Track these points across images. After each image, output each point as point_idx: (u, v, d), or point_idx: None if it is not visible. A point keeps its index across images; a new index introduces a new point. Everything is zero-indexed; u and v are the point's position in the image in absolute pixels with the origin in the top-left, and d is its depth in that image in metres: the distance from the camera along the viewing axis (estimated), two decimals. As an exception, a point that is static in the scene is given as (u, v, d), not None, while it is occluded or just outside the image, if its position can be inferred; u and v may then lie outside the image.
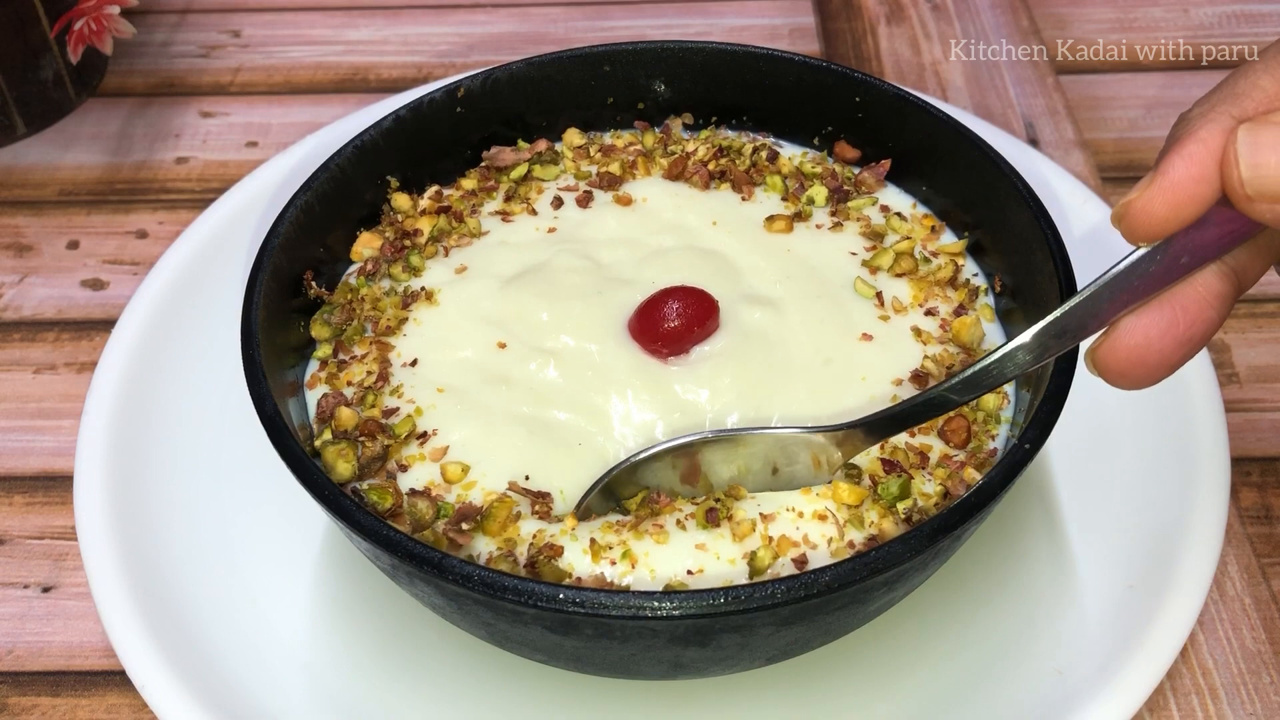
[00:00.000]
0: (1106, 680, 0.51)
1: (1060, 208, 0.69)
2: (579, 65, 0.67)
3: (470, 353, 0.57)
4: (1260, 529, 0.61)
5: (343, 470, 0.52)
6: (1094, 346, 0.42)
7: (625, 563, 0.48)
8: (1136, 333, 0.41)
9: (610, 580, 0.48)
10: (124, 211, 0.80)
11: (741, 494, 0.50)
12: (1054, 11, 0.95)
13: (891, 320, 0.58)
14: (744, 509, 0.50)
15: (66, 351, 0.71)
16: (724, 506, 0.50)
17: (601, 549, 0.49)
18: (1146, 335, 0.41)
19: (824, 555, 0.49)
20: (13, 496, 0.64)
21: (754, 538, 0.49)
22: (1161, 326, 0.41)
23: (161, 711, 0.51)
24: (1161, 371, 0.41)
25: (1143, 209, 0.39)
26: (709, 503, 0.50)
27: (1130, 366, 0.41)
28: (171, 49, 0.93)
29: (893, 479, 0.51)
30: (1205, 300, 0.41)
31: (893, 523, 0.50)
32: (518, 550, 0.49)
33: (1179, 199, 0.38)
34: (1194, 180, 0.38)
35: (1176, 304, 0.41)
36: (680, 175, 0.65)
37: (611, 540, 0.49)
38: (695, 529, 0.49)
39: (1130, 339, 0.41)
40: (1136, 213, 0.39)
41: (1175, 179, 0.38)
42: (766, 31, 0.94)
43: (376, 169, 0.63)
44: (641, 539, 0.49)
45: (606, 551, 0.49)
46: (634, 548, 0.49)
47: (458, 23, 0.96)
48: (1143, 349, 0.41)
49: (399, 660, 0.55)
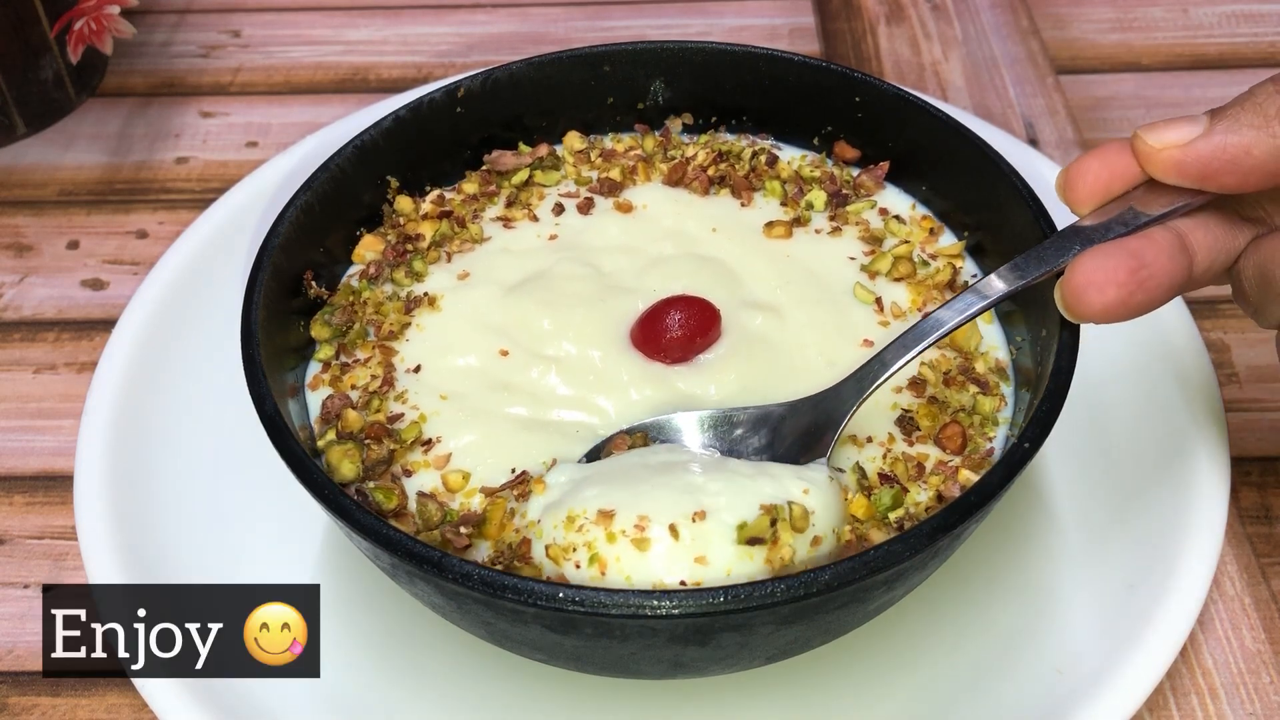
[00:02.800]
0: (1106, 680, 0.51)
1: (1060, 208, 0.69)
2: (579, 65, 0.67)
3: (473, 360, 0.57)
4: (1260, 529, 0.61)
5: (346, 471, 0.52)
6: (1060, 280, 0.47)
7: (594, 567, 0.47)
8: (1090, 265, 0.45)
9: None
10: (124, 211, 0.80)
11: None
12: (1054, 11, 0.95)
13: (891, 325, 0.58)
14: None
15: (66, 351, 0.71)
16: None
17: (561, 551, 0.47)
18: (1102, 267, 0.45)
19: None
20: (13, 496, 0.64)
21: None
22: (1113, 262, 0.45)
23: (161, 711, 0.51)
24: (1118, 308, 0.45)
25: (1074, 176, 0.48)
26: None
27: (1084, 294, 0.45)
28: (171, 49, 0.93)
29: (885, 490, 0.51)
30: (1159, 247, 0.45)
31: (885, 533, 0.50)
32: (503, 549, 0.50)
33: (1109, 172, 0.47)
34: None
35: (1130, 246, 0.46)
36: (680, 181, 0.65)
37: (576, 540, 0.47)
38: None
39: (1085, 268, 0.45)
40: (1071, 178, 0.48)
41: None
42: (766, 31, 0.94)
43: (376, 169, 0.63)
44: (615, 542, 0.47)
45: (570, 554, 0.47)
46: (603, 552, 0.47)
47: (458, 23, 0.96)
48: (1099, 282, 0.45)
49: (399, 660, 0.55)
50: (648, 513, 0.47)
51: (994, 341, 0.58)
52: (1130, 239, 0.46)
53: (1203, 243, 0.47)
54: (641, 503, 0.47)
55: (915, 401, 0.55)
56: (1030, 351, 0.55)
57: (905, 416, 0.54)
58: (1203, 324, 0.65)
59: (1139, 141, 0.46)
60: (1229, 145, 0.43)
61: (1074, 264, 0.46)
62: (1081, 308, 0.46)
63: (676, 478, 0.48)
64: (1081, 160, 0.48)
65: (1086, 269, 0.45)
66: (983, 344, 0.58)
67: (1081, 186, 0.48)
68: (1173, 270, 0.46)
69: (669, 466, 0.49)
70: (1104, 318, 0.46)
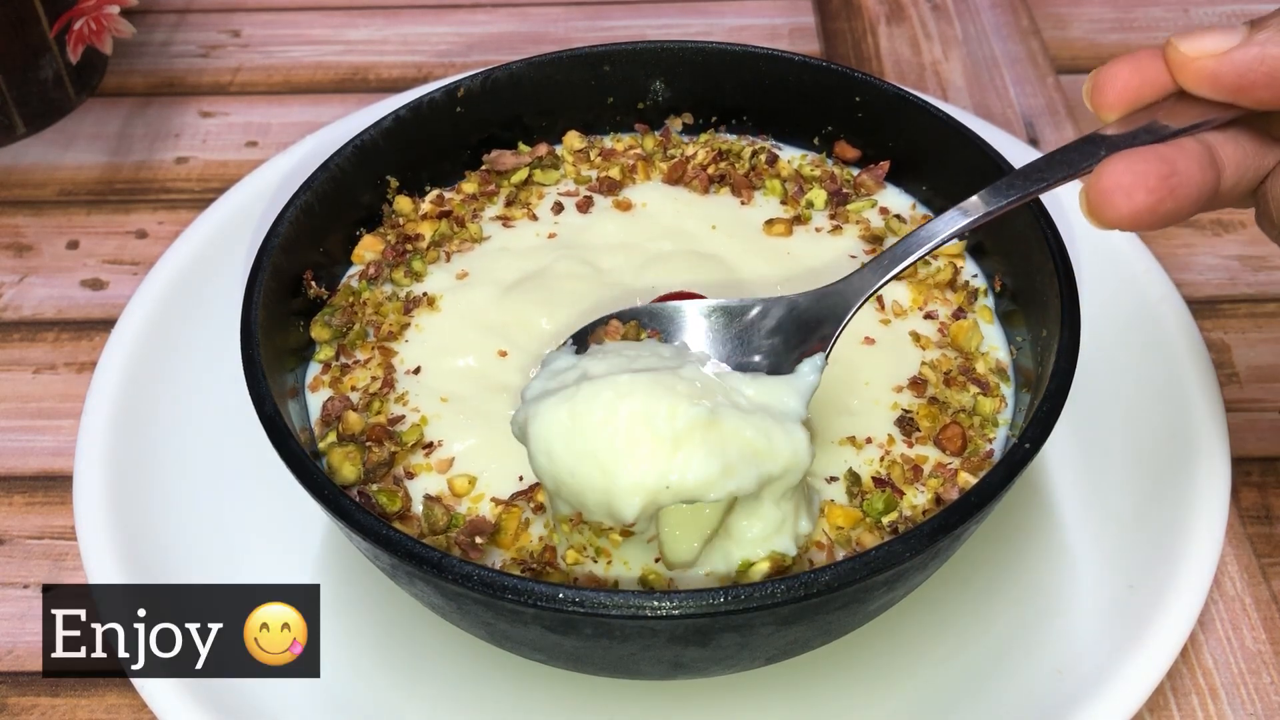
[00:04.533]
0: (1106, 680, 0.51)
1: (1060, 208, 0.69)
2: (579, 65, 0.67)
3: (472, 360, 0.57)
4: (1260, 529, 0.61)
5: (348, 473, 0.52)
6: (1086, 183, 0.44)
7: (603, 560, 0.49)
8: (1120, 167, 0.43)
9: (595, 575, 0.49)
10: (124, 211, 0.80)
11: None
12: (1054, 11, 0.95)
13: (892, 324, 0.58)
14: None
15: (66, 351, 0.71)
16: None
17: (577, 550, 0.49)
18: (1131, 170, 0.42)
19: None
20: (12, 496, 0.64)
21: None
22: (1144, 166, 0.42)
23: (161, 712, 0.51)
24: (1146, 215, 0.43)
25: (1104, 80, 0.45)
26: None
27: (1112, 198, 0.43)
28: (171, 49, 0.93)
29: (877, 494, 0.51)
30: (1191, 155, 0.43)
31: (878, 537, 0.50)
32: (526, 558, 0.50)
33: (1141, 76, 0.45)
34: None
35: (1160, 152, 0.43)
36: (680, 180, 0.65)
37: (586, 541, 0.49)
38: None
39: (1113, 171, 0.43)
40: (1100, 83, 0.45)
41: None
42: (766, 31, 0.94)
43: (376, 169, 0.63)
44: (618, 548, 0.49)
45: (584, 551, 0.49)
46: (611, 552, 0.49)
47: (457, 22, 0.96)
48: (1128, 186, 0.42)
49: (399, 660, 0.55)
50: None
51: (994, 342, 0.58)
52: (1160, 146, 0.43)
53: (1232, 158, 0.44)
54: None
55: (916, 402, 0.55)
56: (1030, 352, 0.55)
57: (905, 417, 0.54)
58: (1203, 324, 0.65)
59: (1172, 50, 0.43)
60: (1268, 57, 0.41)
61: (1102, 167, 0.43)
62: (1107, 212, 0.43)
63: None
64: (1112, 65, 0.45)
65: (1115, 171, 0.43)
66: (983, 344, 0.58)
67: (1110, 91, 0.45)
68: (1202, 181, 0.43)
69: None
70: (1130, 224, 0.43)
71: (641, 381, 0.45)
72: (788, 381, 0.49)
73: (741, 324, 0.51)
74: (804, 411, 0.48)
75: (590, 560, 0.49)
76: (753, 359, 0.51)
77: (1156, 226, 0.43)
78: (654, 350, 0.49)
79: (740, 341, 0.51)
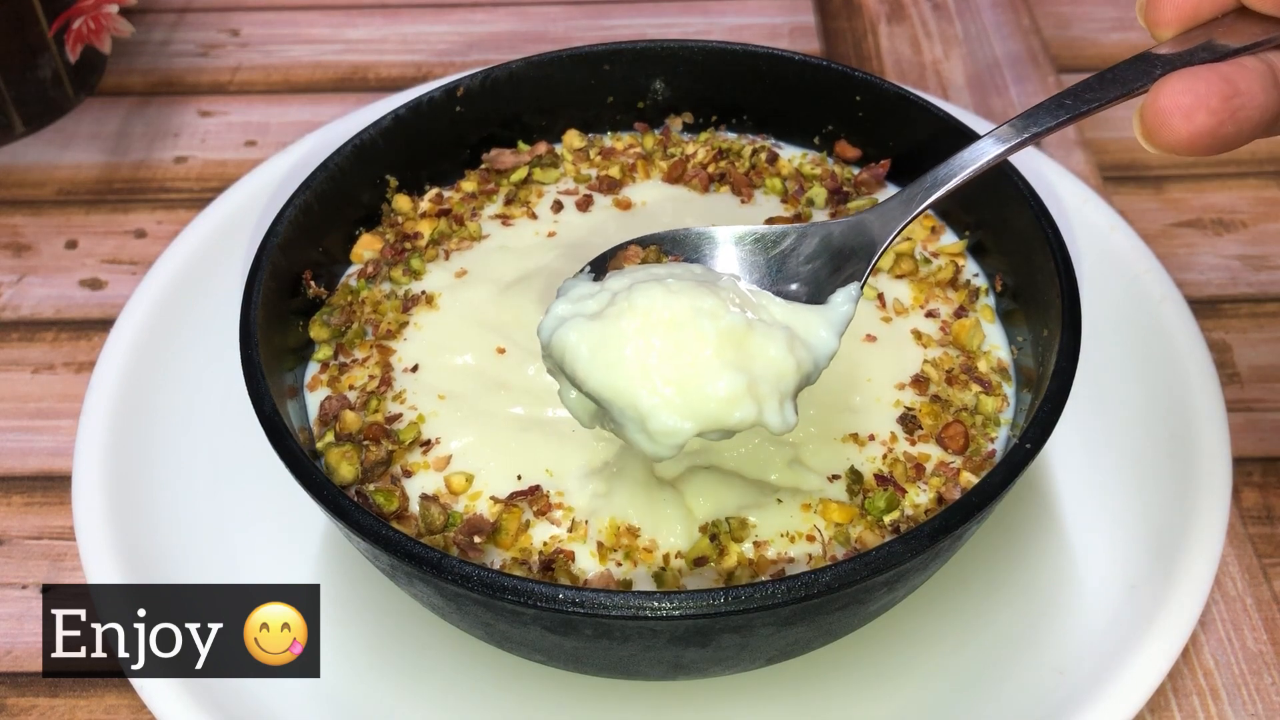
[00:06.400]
0: (1107, 681, 0.51)
1: (1061, 208, 0.69)
2: (579, 64, 0.67)
3: (470, 358, 0.57)
4: (1262, 529, 0.61)
5: (346, 473, 0.52)
6: (1141, 104, 0.42)
7: (629, 563, 0.49)
8: (1179, 86, 0.40)
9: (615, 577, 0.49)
10: (123, 211, 0.80)
11: (745, 533, 0.50)
12: (1055, 10, 0.95)
13: (893, 322, 0.58)
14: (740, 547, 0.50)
15: (65, 351, 0.71)
16: (719, 544, 0.50)
17: (608, 550, 0.49)
18: (1192, 90, 0.40)
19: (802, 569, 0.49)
20: (11, 496, 0.64)
21: (730, 558, 0.49)
22: (1205, 86, 0.40)
23: (160, 712, 0.51)
24: (1205, 139, 0.41)
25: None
26: (703, 544, 0.50)
27: (1169, 120, 0.40)
28: (170, 48, 0.93)
29: (879, 493, 0.51)
30: (1254, 75, 0.41)
31: (879, 536, 0.50)
32: (531, 560, 0.50)
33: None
34: None
35: (1221, 71, 0.41)
36: (680, 179, 0.65)
37: (616, 543, 0.50)
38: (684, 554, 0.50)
39: (1172, 90, 0.41)
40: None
41: None
42: (767, 31, 0.94)
43: (375, 168, 0.63)
44: (637, 551, 0.50)
45: (612, 554, 0.49)
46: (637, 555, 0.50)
47: (457, 21, 0.96)
48: (1187, 106, 0.40)
49: (399, 660, 0.55)
50: None
51: (996, 341, 0.58)
52: (1221, 64, 0.41)
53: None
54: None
55: (918, 399, 0.55)
56: (1032, 352, 0.55)
57: (908, 415, 0.54)
58: (1204, 324, 0.64)
59: None
60: None
61: (1159, 85, 0.41)
62: (1165, 134, 0.41)
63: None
64: None
65: (1174, 90, 0.40)
66: (985, 343, 0.58)
67: (1168, 6, 0.43)
68: (1266, 104, 0.41)
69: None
70: (1188, 148, 0.41)
71: (685, 283, 0.44)
72: (820, 312, 0.47)
73: (776, 251, 0.50)
74: (836, 344, 0.46)
75: (615, 565, 0.49)
76: (789, 287, 0.49)
77: (1215, 151, 0.41)
78: (685, 268, 0.47)
79: (773, 268, 0.50)
